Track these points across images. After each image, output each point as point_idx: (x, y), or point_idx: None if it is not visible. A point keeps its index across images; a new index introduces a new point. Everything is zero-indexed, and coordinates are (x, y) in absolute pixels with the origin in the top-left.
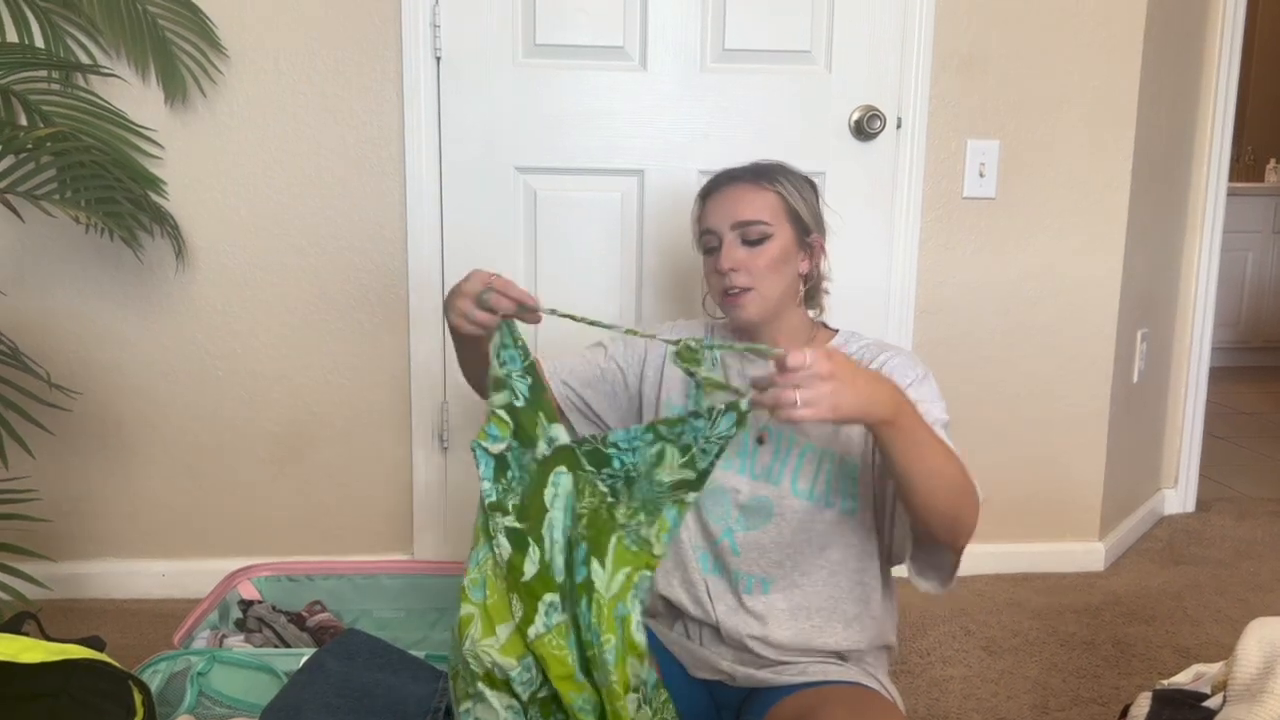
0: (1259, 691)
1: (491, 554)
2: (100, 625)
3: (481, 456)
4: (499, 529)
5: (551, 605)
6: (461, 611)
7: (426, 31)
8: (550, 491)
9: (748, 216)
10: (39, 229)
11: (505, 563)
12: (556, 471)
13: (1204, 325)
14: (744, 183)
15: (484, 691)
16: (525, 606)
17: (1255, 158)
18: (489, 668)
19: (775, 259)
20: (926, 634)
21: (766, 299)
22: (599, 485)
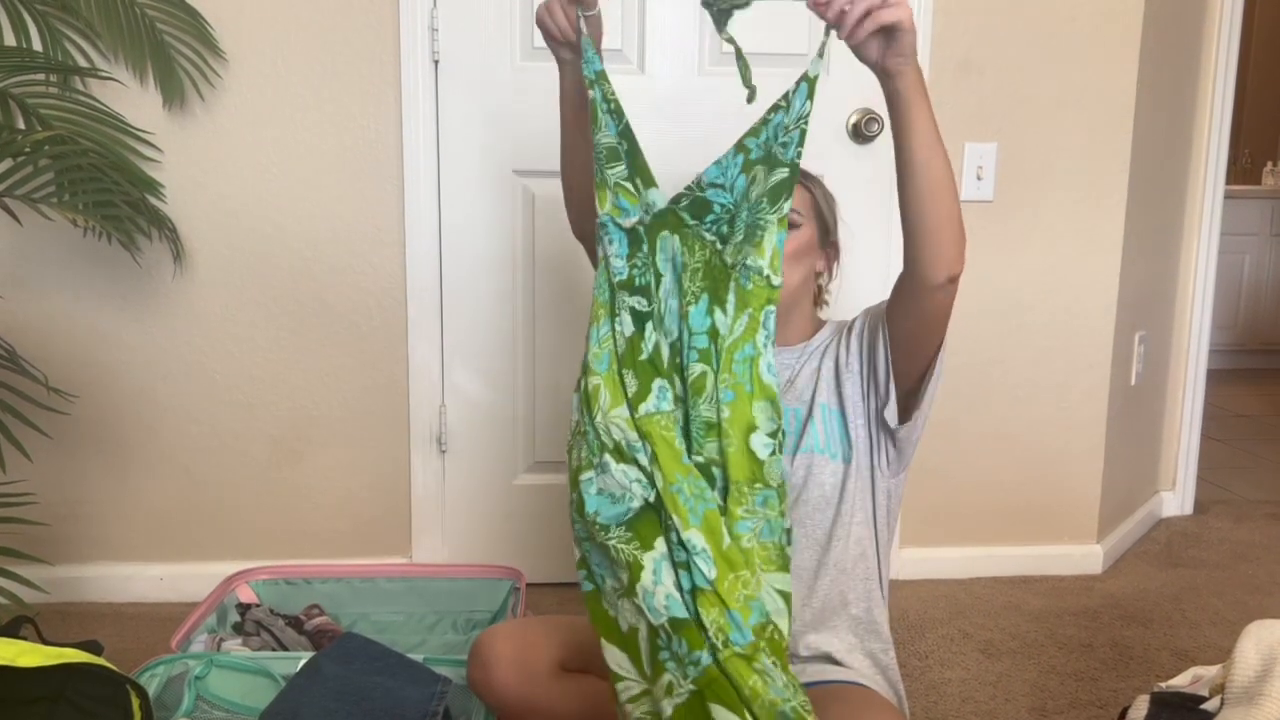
0: (1256, 694)
1: (613, 330)
2: (98, 629)
3: (614, 231)
4: (624, 306)
5: (663, 388)
6: (588, 383)
7: (424, 35)
8: (661, 259)
9: None
10: (37, 232)
11: (626, 340)
12: (661, 238)
13: (1202, 328)
14: None
15: (609, 463)
16: (640, 383)
17: (1252, 160)
18: (618, 440)
19: (799, 249)
20: (924, 636)
21: (786, 287)
22: (705, 236)
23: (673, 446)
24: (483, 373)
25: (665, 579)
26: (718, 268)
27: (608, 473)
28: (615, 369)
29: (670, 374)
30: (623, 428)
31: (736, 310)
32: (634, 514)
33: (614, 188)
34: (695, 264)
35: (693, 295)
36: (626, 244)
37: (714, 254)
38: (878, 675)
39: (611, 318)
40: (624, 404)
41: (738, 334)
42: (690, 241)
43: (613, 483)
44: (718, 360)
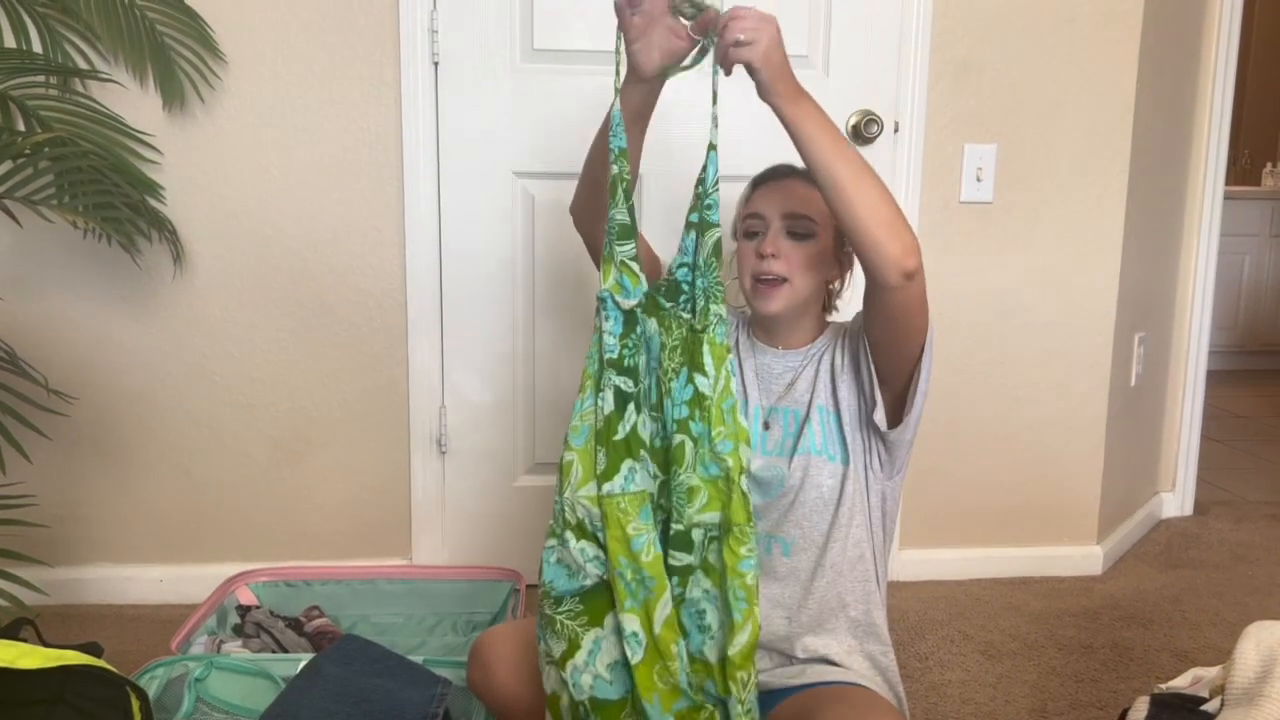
0: (1256, 695)
1: (595, 405)
2: (98, 631)
3: (612, 309)
4: (609, 384)
5: (631, 469)
6: (565, 457)
7: (424, 37)
8: (640, 341)
9: (799, 210)
10: (37, 234)
11: (604, 418)
12: (643, 321)
13: (1201, 329)
14: (802, 180)
15: (569, 539)
16: (609, 462)
17: (1252, 161)
18: (580, 518)
19: (813, 257)
20: (924, 638)
21: (796, 294)
22: (681, 315)
23: (624, 530)
24: (483, 374)
25: (598, 661)
26: (690, 339)
27: (566, 547)
28: (590, 445)
29: (643, 454)
30: (587, 506)
31: (715, 367)
32: (587, 590)
33: (620, 265)
34: (673, 343)
35: (673, 371)
36: (622, 324)
37: (688, 329)
38: (877, 677)
39: (596, 392)
40: (592, 481)
41: (720, 388)
42: (667, 322)
43: (569, 558)
44: (708, 421)
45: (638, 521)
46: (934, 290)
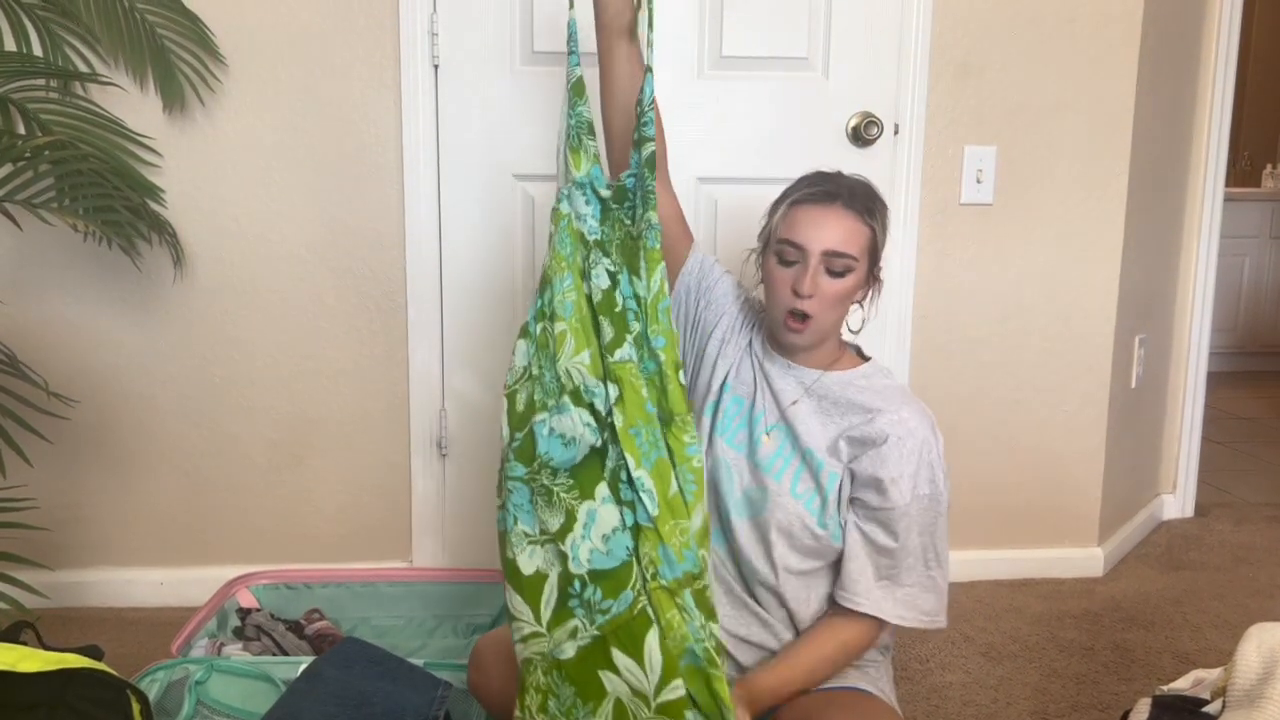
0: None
1: (581, 285)
2: (98, 634)
3: (590, 195)
4: (599, 263)
5: (630, 344)
6: (552, 328)
7: (424, 39)
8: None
9: (842, 249)
10: (37, 237)
11: (602, 292)
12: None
13: (1201, 330)
14: (848, 210)
15: (568, 404)
16: (615, 332)
17: (1252, 163)
18: (577, 384)
19: (846, 293)
20: (925, 640)
21: (822, 330)
22: (623, 219)
23: (639, 394)
24: (483, 376)
25: (593, 532)
26: (627, 243)
27: (565, 414)
28: (585, 318)
29: (631, 330)
30: (583, 373)
31: (648, 271)
32: (578, 464)
33: (593, 158)
34: (615, 240)
35: (618, 267)
36: (600, 210)
37: (627, 233)
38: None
39: (578, 273)
40: (586, 350)
41: (655, 290)
42: (612, 222)
43: (568, 425)
44: (645, 319)
45: (645, 388)
46: (935, 292)
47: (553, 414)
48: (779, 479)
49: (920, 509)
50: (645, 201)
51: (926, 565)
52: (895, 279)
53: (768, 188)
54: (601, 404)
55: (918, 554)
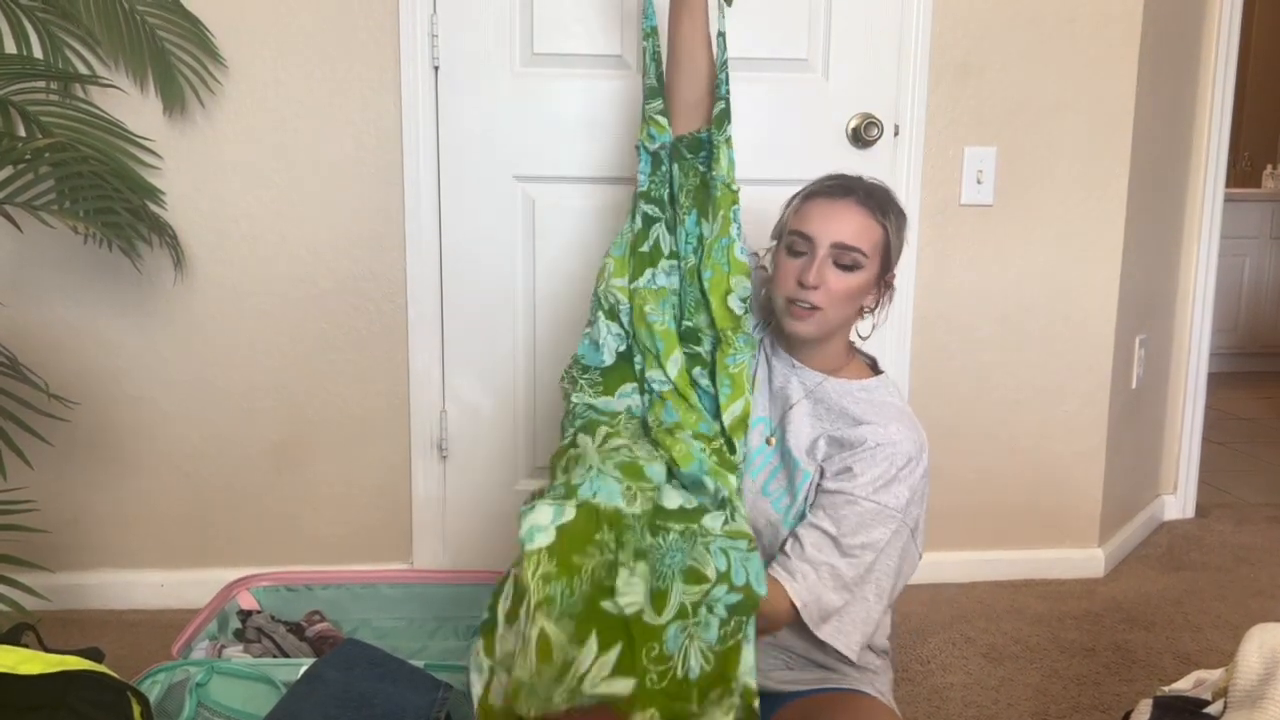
0: (1259, 698)
1: (632, 227)
2: (99, 636)
3: (642, 153)
4: (639, 210)
5: (653, 275)
6: (605, 263)
7: (425, 41)
8: (665, 178)
9: (851, 242)
10: (37, 239)
11: (635, 233)
12: (668, 163)
13: (1202, 331)
14: (860, 205)
15: (600, 319)
16: (635, 266)
17: (1252, 163)
18: (612, 304)
19: (855, 290)
20: (926, 641)
21: (828, 322)
22: (698, 166)
23: (643, 310)
24: (483, 378)
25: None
26: (700, 189)
27: (598, 324)
28: (626, 254)
29: (662, 263)
30: (616, 294)
31: (713, 214)
32: (607, 365)
33: (648, 120)
34: (689, 186)
35: (686, 208)
36: (650, 164)
37: (700, 178)
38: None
39: (631, 218)
40: (624, 276)
41: (715, 232)
42: (686, 169)
43: (598, 333)
44: (701, 255)
45: (653, 305)
46: (935, 292)
47: (592, 326)
48: (754, 476)
49: (874, 512)
50: (715, 154)
51: (862, 581)
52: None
53: (767, 189)
54: (626, 319)
55: (858, 561)
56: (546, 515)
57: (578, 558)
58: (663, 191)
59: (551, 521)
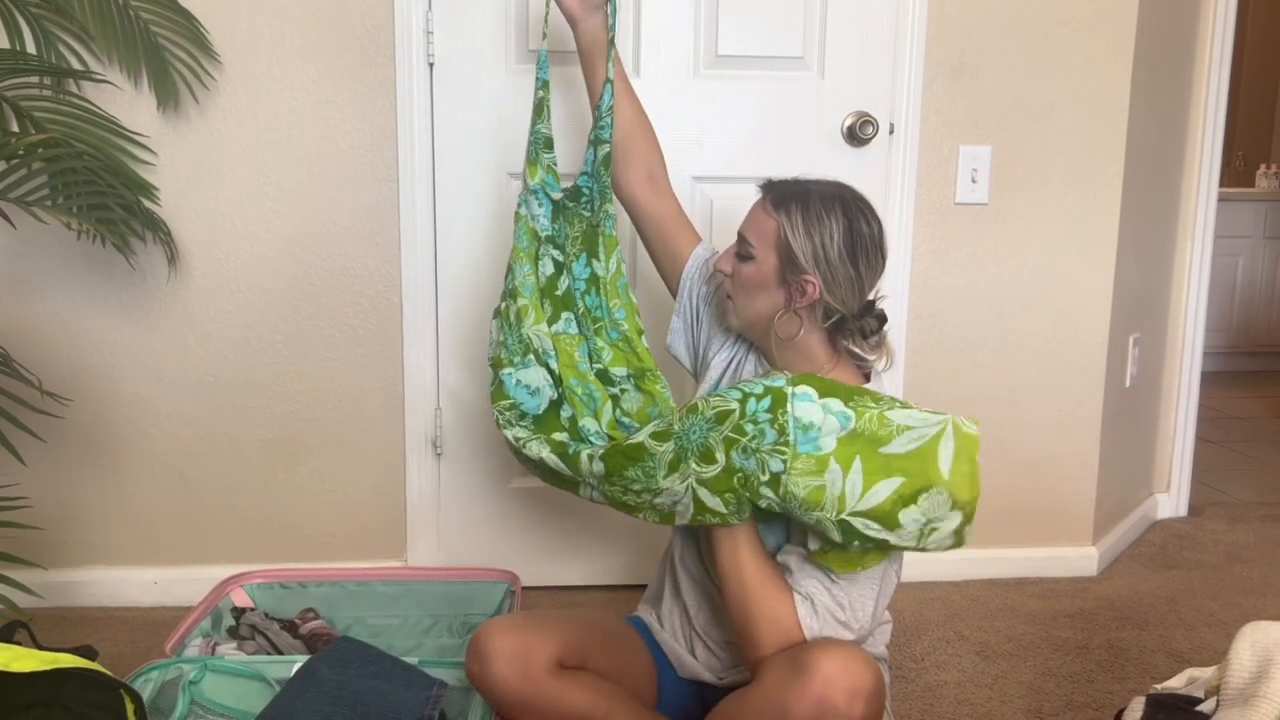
0: (1252, 695)
1: (535, 270)
2: (92, 634)
3: (543, 199)
4: (546, 254)
5: (568, 319)
6: (517, 304)
7: (419, 38)
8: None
9: (743, 232)
10: (30, 235)
11: (547, 278)
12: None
13: (1196, 330)
14: (764, 199)
15: (531, 361)
16: (554, 310)
17: (1245, 163)
18: (538, 348)
19: (749, 280)
20: (920, 639)
21: (742, 314)
22: (582, 213)
23: (572, 358)
24: (478, 375)
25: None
26: (588, 232)
27: (529, 369)
28: (537, 297)
29: (572, 306)
30: (542, 338)
31: (606, 254)
32: (539, 415)
33: (546, 169)
34: (575, 234)
35: (574, 254)
36: (551, 211)
37: (586, 223)
38: None
39: (533, 261)
40: (544, 322)
41: (613, 270)
42: (570, 218)
43: (532, 377)
44: (604, 295)
45: (579, 354)
46: (929, 292)
47: (518, 368)
48: None
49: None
50: (603, 195)
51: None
52: (890, 279)
53: None
54: (554, 363)
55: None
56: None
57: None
58: (563, 238)
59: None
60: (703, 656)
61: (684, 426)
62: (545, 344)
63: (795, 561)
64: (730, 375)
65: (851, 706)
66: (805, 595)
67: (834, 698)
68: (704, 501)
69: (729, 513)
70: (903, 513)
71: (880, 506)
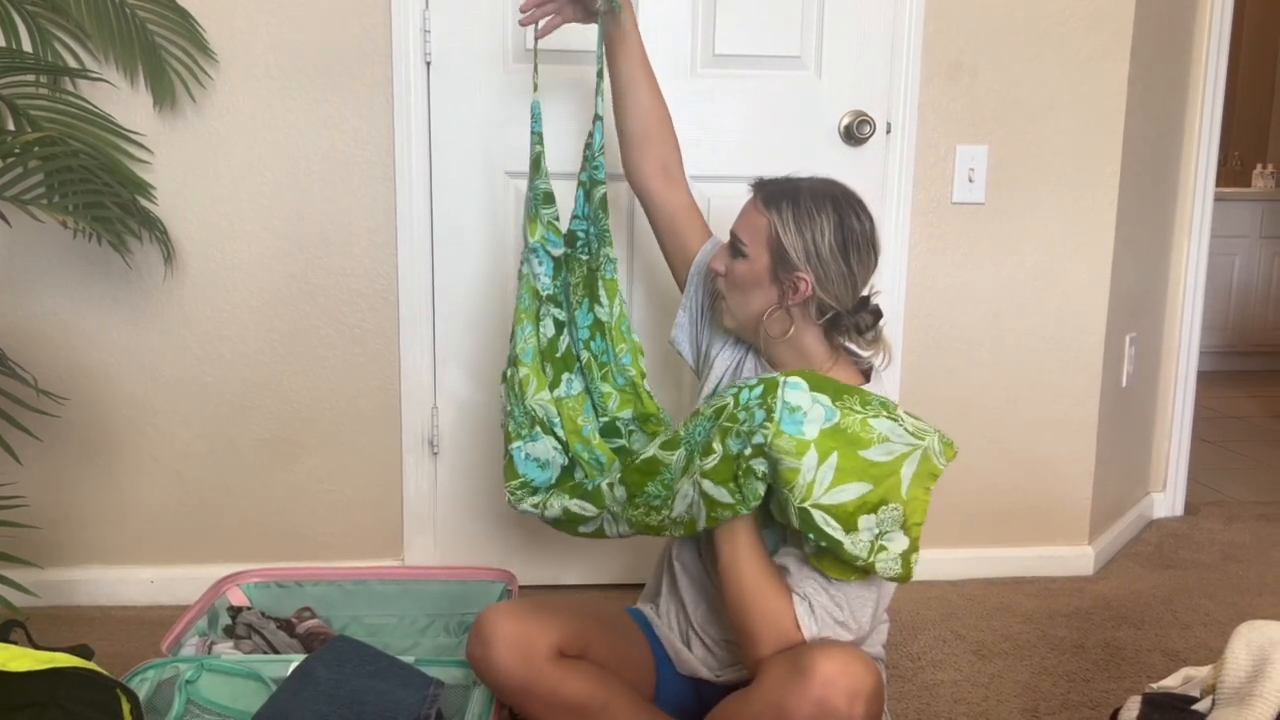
0: (1247, 694)
1: (536, 333)
2: (88, 633)
3: (544, 257)
4: (548, 315)
5: (570, 380)
6: (520, 373)
7: (417, 37)
8: (564, 281)
9: (736, 232)
10: (26, 234)
11: (547, 340)
12: (564, 265)
13: (1192, 329)
14: (755, 197)
15: (539, 433)
16: (554, 374)
17: (1242, 163)
18: (542, 417)
19: (742, 277)
20: (916, 638)
21: (734, 313)
22: (581, 257)
23: (576, 423)
24: (475, 374)
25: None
26: (587, 277)
27: (538, 441)
28: (538, 362)
29: (577, 366)
30: (545, 406)
31: (609, 298)
32: (552, 484)
33: (547, 225)
34: (576, 280)
35: (577, 302)
36: (553, 268)
37: (585, 268)
38: None
39: (535, 322)
40: (546, 389)
41: (617, 314)
42: (571, 264)
43: (540, 450)
44: (610, 340)
45: (583, 417)
46: (926, 291)
47: (526, 441)
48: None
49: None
50: (601, 238)
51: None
52: (887, 278)
53: None
54: (560, 431)
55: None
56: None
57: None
58: (564, 295)
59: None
60: (699, 653)
61: (689, 431)
62: (550, 411)
63: (793, 563)
64: (731, 376)
65: (852, 708)
66: (803, 596)
67: (834, 699)
68: (710, 495)
69: (735, 502)
70: (863, 518)
71: (844, 506)
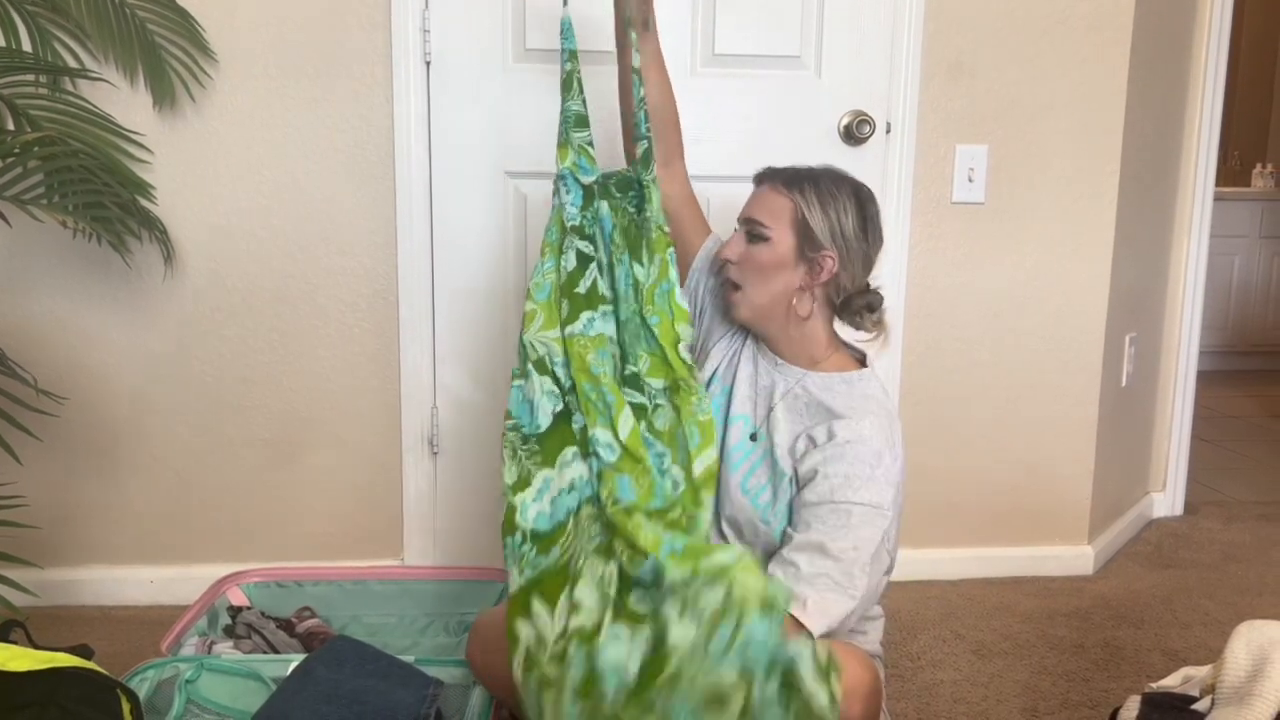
0: (1247, 694)
1: (558, 267)
2: (88, 633)
3: (572, 184)
4: (571, 246)
5: (591, 319)
6: (528, 307)
7: (416, 36)
8: (596, 216)
9: (755, 215)
10: (26, 234)
11: (567, 274)
12: (598, 201)
13: (1192, 329)
14: (771, 183)
15: (531, 372)
16: (570, 310)
17: (1241, 163)
18: (541, 355)
19: (763, 264)
20: (916, 638)
21: (752, 303)
22: (628, 208)
23: (585, 360)
24: (475, 374)
25: (544, 497)
26: (633, 231)
27: (530, 379)
28: (554, 297)
29: (602, 308)
30: (548, 344)
31: (649, 258)
32: (543, 430)
33: (578, 149)
34: (621, 225)
35: (619, 251)
36: (581, 197)
37: (630, 220)
38: None
39: (558, 255)
40: (556, 327)
41: (654, 277)
42: (615, 208)
43: (532, 390)
44: (640, 300)
45: (596, 357)
46: (926, 291)
47: (524, 381)
48: (734, 470)
49: (859, 515)
50: (646, 194)
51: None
52: (886, 278)
53: None
54: (562, 372)
55: (847, 562)
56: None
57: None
58: (595, 229)
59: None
60: None
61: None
62: (551, 349)
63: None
64: (728, 366)
65: (849, 706)
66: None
67: None
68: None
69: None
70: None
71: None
